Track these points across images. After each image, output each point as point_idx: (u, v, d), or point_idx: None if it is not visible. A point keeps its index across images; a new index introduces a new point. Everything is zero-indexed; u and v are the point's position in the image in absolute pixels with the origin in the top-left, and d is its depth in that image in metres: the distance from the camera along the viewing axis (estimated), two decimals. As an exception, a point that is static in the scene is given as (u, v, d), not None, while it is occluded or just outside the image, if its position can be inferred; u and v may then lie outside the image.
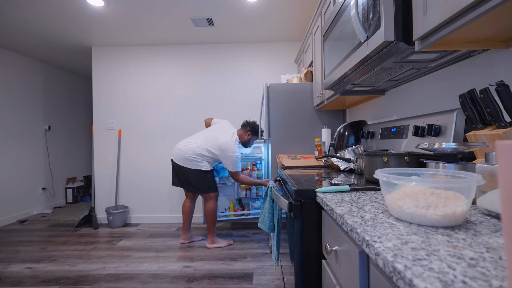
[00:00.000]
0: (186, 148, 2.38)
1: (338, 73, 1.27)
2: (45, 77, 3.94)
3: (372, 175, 1.02)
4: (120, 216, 3.14)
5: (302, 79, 2.45)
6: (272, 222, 1.35)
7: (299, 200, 0.91)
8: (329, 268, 0.78)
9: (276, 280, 1.87)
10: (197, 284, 1.84)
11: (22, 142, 3.56)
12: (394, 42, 0.81)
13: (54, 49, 3.38)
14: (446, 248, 0.42)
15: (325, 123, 2.35)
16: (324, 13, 1.80)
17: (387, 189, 0.60)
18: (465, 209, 0.51)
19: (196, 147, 2.37)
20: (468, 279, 0.33)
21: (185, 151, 2.37)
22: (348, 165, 1.42)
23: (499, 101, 0.84)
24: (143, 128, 3.34)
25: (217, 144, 2.37)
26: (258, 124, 2.57)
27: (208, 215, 2.46)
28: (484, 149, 0.74)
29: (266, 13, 2.57)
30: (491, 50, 0.85)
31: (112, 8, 2.44)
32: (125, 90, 3.34)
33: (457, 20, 0.60)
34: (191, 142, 2.41)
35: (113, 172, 3.35)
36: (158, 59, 3.33)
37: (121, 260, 2.24)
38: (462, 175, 0.57)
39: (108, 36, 3.03)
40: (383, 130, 1.45)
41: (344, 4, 1.13)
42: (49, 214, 3.68)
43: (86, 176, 4.74)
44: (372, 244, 0.45)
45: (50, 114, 4.05)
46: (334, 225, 0.71)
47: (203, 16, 2.60)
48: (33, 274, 2.00)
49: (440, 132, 1.00)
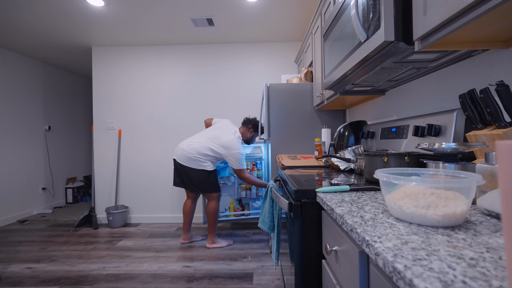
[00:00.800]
0: (190, 148, 2.37)
1: (338, 73, 1.27)
2: (45, 77, 3.94)
3: (372, 175, 1.02)
4: (120, 216, 3.14)
5: (302, 79, 2.45)
6: (272, 222, 1.35)
7: (299, 200, 0.91)
8: (329, 268, 0.78)
9: (276, 280, 1.87)
10: (197, 284, 1.84)
11: (22, 142, 3.56)
12: (394, 42, 0.81)
13: (54, 49, 3.38)
14: (446, 248, 0.42)
15: (325, 123, 2.35)
16: (324, 13, 1.80)
17: (387, 189, 0.60)
18: (465, 209, 0.51)
19: (199, 147, 2.36)
20: (468, 279, 0.32)
21: (188, 151, 2.36)
22: (348, 165, 1.42)
23: (499, 101, 0.84)
24: (143, 128, 3.34)
25: (220, 143, 2.37)
26: (259, 120, 2.56)
27: (210, 215, 2.46)
28: (484, 149, 0.74)
29: (266, 13, 2.57)
30: (491, 50, 0.85)
31: (112, 8, 2.44)
32: (125, 90, 3.34)
33: (457, 20, 0.60)
34: (194, 141, 2.40)
35: (113, 172, 3.35)
36: (158, 59, 3.33)
37: (121, 260, 2.24)
38: (462, 175, 0.57)
39: (108, 36, 3.02)
40: (383, 130, 1.44)
41: (344, 4, 1.13)
42: (49, 214, 3.67)
43: (86, 176, 4.74)
44: (372, 244, 0.45)
45: (50, 114, 4.05)
46: (334, 225, 0.71)
47: (203, 16, 2.60)
48: (33, 274, 2.00)
49: (440, 132, 0.99)
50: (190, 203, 2.54)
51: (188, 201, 2.55)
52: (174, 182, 2.52)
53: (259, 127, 2.50)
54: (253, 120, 2.56)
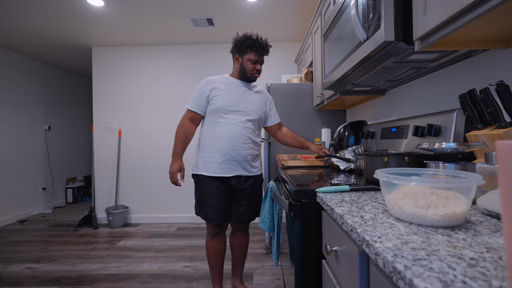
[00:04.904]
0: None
1: (338, 73, 1.27)
2: (45, 77, 3.94)
3: (372, 175, 1.02)
4: (120, 216, 3.14)
5: (303, 79, 2.45)
6: (272, 222, 1.35)
7: (299, 200, 0.91)
8: (329, 268, 0.78)
9: (276, 280, 1.87)
10: (197, 284, 1.84)
11: (22, 142, 3.56)
12: (394, 42, 0.81)
13: (54, 49, 3.37)
14: (446, 248, 0.42)
15: (325, 123, 2.35)
16: (324, 13, 1.80)
17: (387, 189, 0.60)
18: (465, 209, 0.51)
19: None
20: (468, 279, 0.32)
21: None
22: (348, 165, 1.42)
23: (499, 101, 0.84)
24: (143, 128, 3.34)
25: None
26: (245, 34, 1.50)
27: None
28: (484, 149, 0.74)
29: (266, 13, 2.57)
30: (491, 50, 0.85)
31: (112, 8, 2.44)
32: (125, 90, 3.34)
33: (457, 20, 0.60)
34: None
35: (113, 172, 3.35)
36: (158, 59, 3.32)
37: (121, 260, 2.24)
38: (462, 175, 0.57)
39: (108, 36, 3.02)
40: (383, 130, 1.44)
41: (344, 4, 1.13)
42: (49, 214, 3.67)
43: (86, 176, 4.74)
44: (372, 244, 0.45)
45: (50, 114, 4.05)
46: (334, 225, 0.71)
47: (203, 16, 2.60)
48: (33, 274, 2.00)
49: (440, 132, 0.99)
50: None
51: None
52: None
53: (246, 43, 1.47)
54: (234, 42, 1.52)
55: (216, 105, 1.47)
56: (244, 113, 1.49)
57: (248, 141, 1.51)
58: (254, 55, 1.46)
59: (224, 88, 1.49)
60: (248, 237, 1.69)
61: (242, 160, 1.50)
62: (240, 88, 1.52)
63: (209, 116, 1.51)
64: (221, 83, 1.51)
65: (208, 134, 1.49)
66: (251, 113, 1.51)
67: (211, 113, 1.50)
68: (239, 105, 1.48)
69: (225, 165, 1.47)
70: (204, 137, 1.51)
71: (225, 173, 1.48)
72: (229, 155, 1.46)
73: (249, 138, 1.51)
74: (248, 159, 1.52)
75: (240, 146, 1.48)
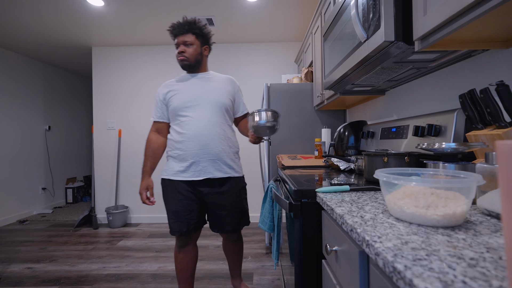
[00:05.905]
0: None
1: (338, 73, 1.27)
2: (45, 77, 3.94)
3: (372, 175, 1.02)
4: (120, 216, 3.14)
5: (303, 79, 2.45)
6: (272, 222, 1.35)
7: (299, 200, 0.91)
8: (329, 268, 0.78)
9: (276, 280, 1.87)
10: (197, 284, 1.84)
11: (22, 142, 3.56)
12: (394, 42, 0.81)
13: (54, 49, 3.37)
14: (446, 248, 0.42)
15: (325, 123, 2.35)
16: (324, 13, 1.80)
17: (387, 189, 0.60)
18: (465, 209, 0.51)
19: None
20: (468, 279, 0.32)
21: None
22: (348, 165, 1.42)
23: (499, 101, 0.84)
24: (143, 128, 3.34)
25: None
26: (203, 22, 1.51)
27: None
28: (484, 149, 0.74)
29: (266, 13, 2.57)
30: (491, 50, 0.85)
31: (112, 8, 2.44)
32: (125, 90, 3.34)
33: (457, 20, 0.60)
34: None
35: (113, 172, 3.35)
36: (158, 59, 3.32)
37: (121, 260, 2.24)
38: (462, 175, 0.57)
39: (108, 36, 3.02)
40: (383, 130, 1.44)
41: (344, 4, 1.13)
42: (49, 214, 3.67)
43: (86, 176, 4.74)
44: (372, 244, 0.45)
45: (50, 114, 4.05)
46: (334, 225, 0.71)
47: (203, 16, 2.60)
48: (33, 274, 2.00)
49: (440, 132, 0.99)
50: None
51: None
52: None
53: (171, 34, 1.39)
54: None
55: (173, 105, 1.37)
56: (205, 106, 1.34)
57: (218, 136, 1.34)
58: (176, 39, 1.35)
59: (179, 87, 1.40)
60: (241, 244, 1.58)
61: (213, 160, 1.33)
62: (194, 81, 1.40)
63: (171, 120, 1.42)
64: (176, 84, 1.42)
65: (173, 137, 1.39)
66: (213, 103, 1.35)
67: (171, 116, 1.41)
68: (197, 99, 1.35)
69: (194, 168, 1.33)
70: (170, 142, 1.42)
71: (194, 177, 1.33)
72: (198, 156, 1.32)
73: (217, 133, 1.34)
74: (221, 157, 1.35)
75: (208, 143, 1.32)
